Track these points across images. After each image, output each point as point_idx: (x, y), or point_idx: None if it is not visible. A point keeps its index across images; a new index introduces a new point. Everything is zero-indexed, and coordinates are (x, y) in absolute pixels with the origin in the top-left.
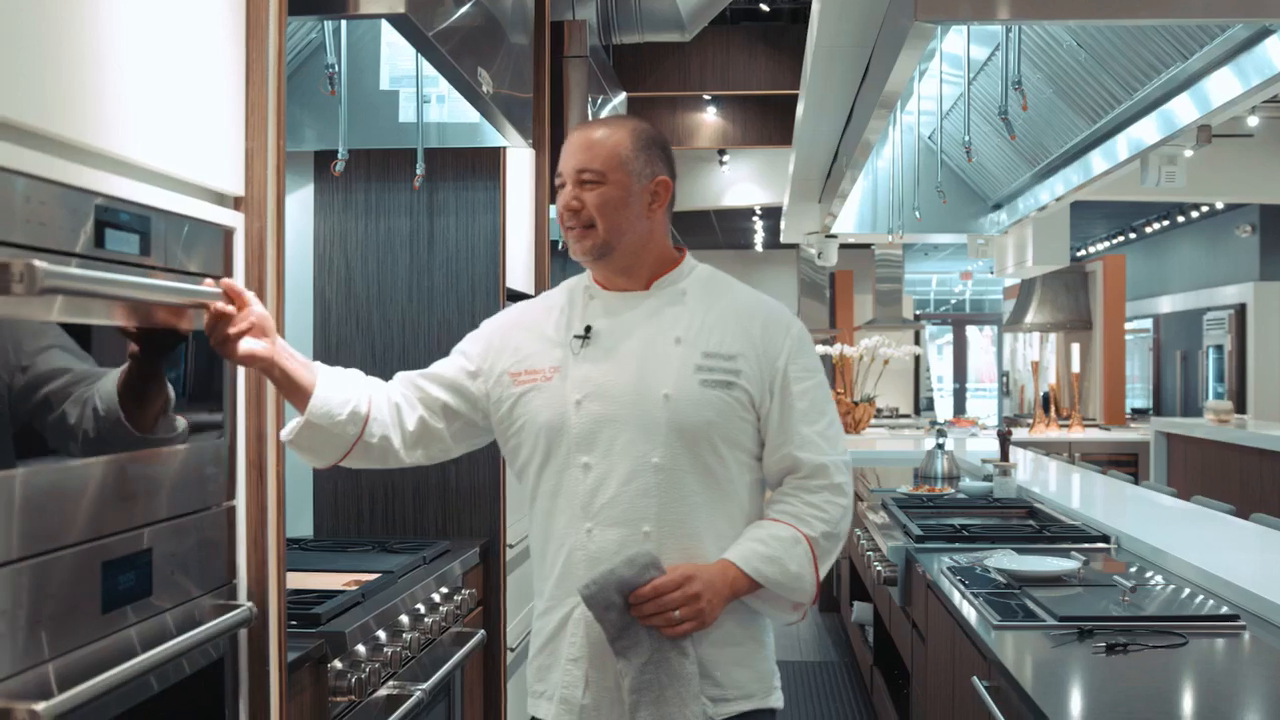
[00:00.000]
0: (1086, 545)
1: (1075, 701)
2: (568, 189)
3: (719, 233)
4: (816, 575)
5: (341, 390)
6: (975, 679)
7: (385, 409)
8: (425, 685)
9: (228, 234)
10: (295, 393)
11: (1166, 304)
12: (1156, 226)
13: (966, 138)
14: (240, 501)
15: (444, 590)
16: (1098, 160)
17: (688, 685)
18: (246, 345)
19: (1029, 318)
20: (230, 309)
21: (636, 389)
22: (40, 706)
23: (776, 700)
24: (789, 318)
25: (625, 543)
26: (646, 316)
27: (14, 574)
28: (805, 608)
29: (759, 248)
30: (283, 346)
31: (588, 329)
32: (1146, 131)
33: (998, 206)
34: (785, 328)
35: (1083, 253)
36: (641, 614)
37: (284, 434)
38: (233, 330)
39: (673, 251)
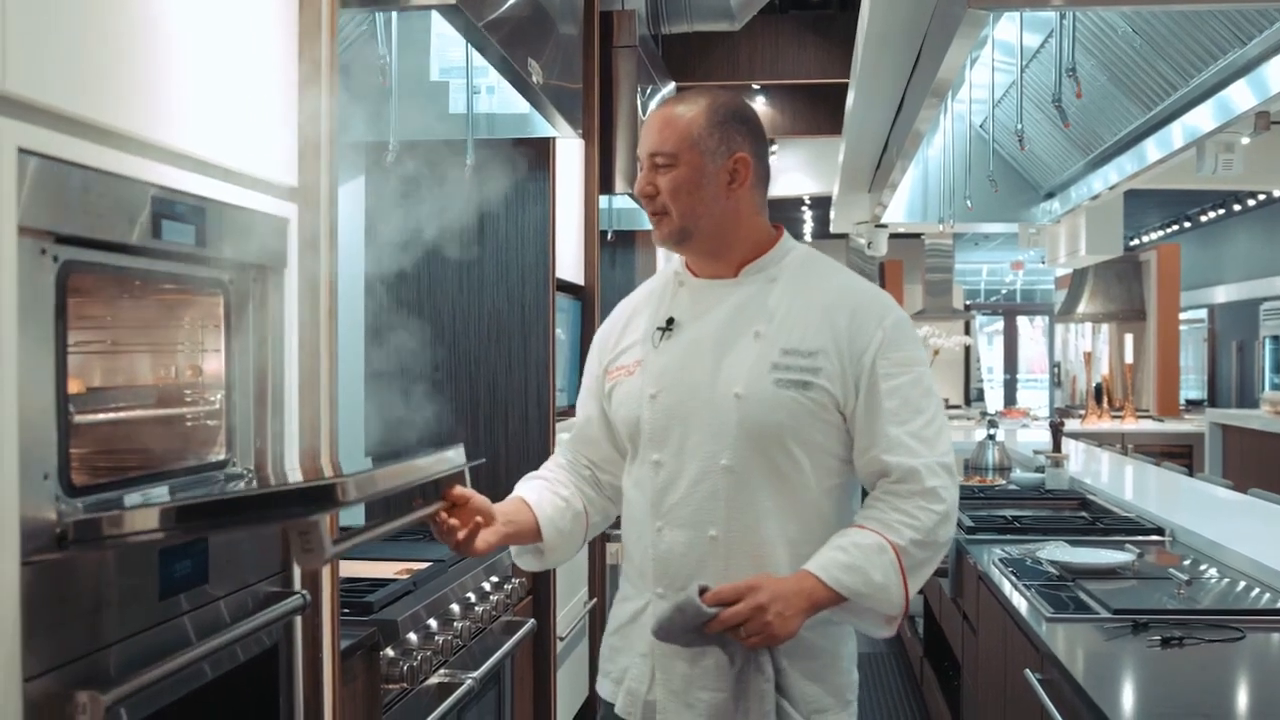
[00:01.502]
0: (1140, 538)
1: (1129, 695)
2: (643, 173)
3: None
4: (905, 586)
5: (558, 508)
6: (1028, 671)
7: (592, 490)
8: (476, 674)
9: (282, 224)
10: (526, 538)
11: (1222, 294)
12: (1212, 215)
13: (1019, 126)
14: None
15: (494, 579)
16: (1152, 148)
17: (760, 702)
18: (485, 541)
19: (1081, 308)
20: (454, 522)
21: (708, 386)
22: (103, 695)
23: (850, 716)
24: (884, 307)
25: (692, 545)
26: (731, 308)
27: (74, 561)
28: (899, 620)
29: (808, 237)
30: (505, 515)
31: (669, 321)
32: (1203, 119)
33: (1050, 195)
34: (878, 318)
35: (1136, 242)
36: (713, 630)
37: (525, 562)
38: (463, 536)
39: (769, 231)
